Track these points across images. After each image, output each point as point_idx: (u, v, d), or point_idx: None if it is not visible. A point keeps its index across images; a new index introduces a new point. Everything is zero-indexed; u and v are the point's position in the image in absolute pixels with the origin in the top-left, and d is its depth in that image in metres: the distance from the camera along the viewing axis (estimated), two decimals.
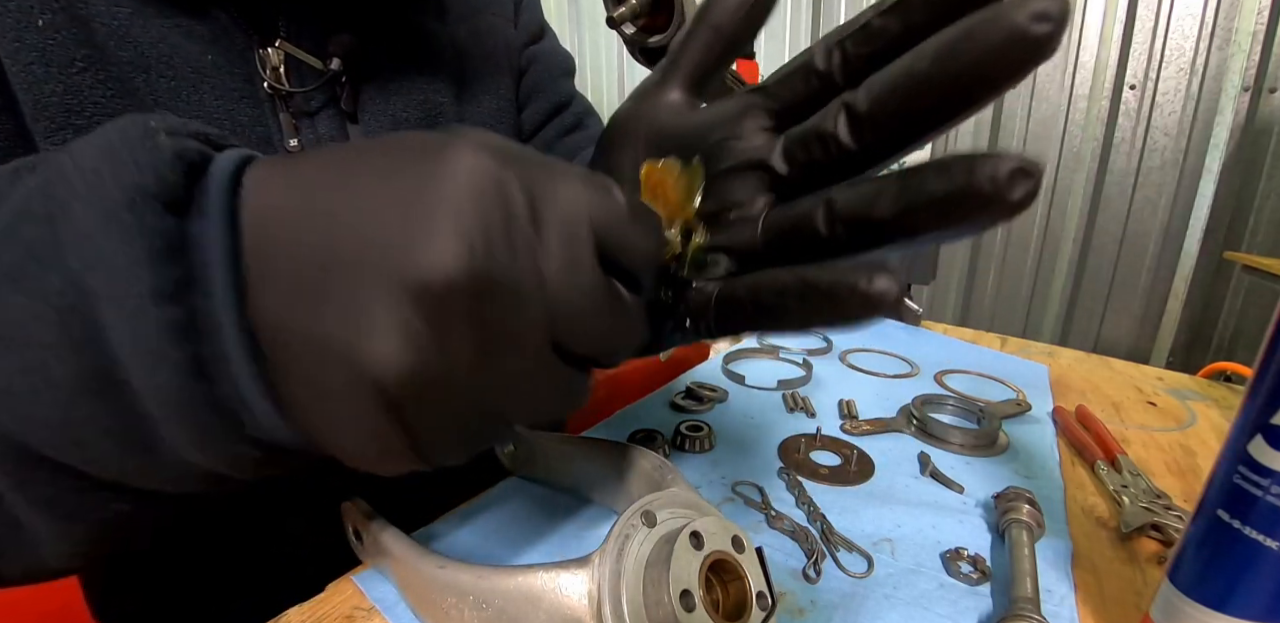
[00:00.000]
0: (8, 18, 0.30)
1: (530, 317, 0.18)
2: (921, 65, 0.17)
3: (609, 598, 0.21)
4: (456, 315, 0.17)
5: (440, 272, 0.16)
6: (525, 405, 0.20)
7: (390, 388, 0.17)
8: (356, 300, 0.17)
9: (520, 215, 0.18)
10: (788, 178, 0.21)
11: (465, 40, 0.48)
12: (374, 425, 0.18)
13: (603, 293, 0.19)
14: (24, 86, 0.31)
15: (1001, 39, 0.15)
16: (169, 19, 0.34)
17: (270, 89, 0.38)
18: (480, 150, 0.18)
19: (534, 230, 0.18)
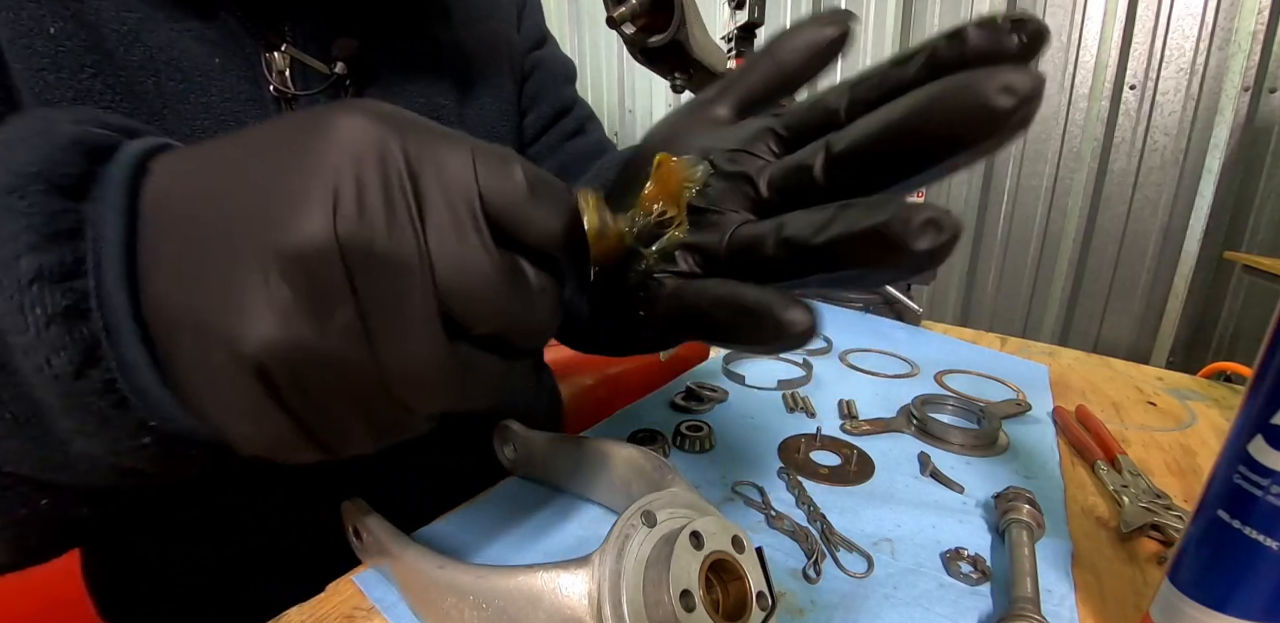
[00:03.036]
0: (19, 25, 0.30)
1: (412, 287, 0.17)
2: (893, 117, 0.18)
3: (609, 598, 0.21)
4: (328, 284, 0.16)
5: (305, 238, 0.16)
6: (425, 390, 0.19)
7: (261, 361, 0.16)
8: (229, 275, 0.16)
9: (398, 180, 0.17)
10: (766, 200, 0.22)
11: (469, 45, 0.49)
12: (255, 404, 0.17)
13: (494, 267, 0.18)
14: (35, 92, 0.31)
15: (964, 104, 0.16)
16: (177, 23, 0.35)
17: (275, 92, 0.38)
18: (364, 117, 0.18)
19: (416, 198, 0.17)
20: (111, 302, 0.17)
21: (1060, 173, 1.69)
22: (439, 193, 0.18)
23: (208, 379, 0.18)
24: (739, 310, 0.19)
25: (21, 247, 0.16)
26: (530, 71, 0.56)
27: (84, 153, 0.18)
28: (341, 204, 0.16)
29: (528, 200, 0.19)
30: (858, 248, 0.17)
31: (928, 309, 1.87)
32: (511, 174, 0.19)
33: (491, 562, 0.32)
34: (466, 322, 0.18)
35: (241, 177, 0.17)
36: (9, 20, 0.30)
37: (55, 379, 0.17)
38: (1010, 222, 1.78)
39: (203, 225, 0.17)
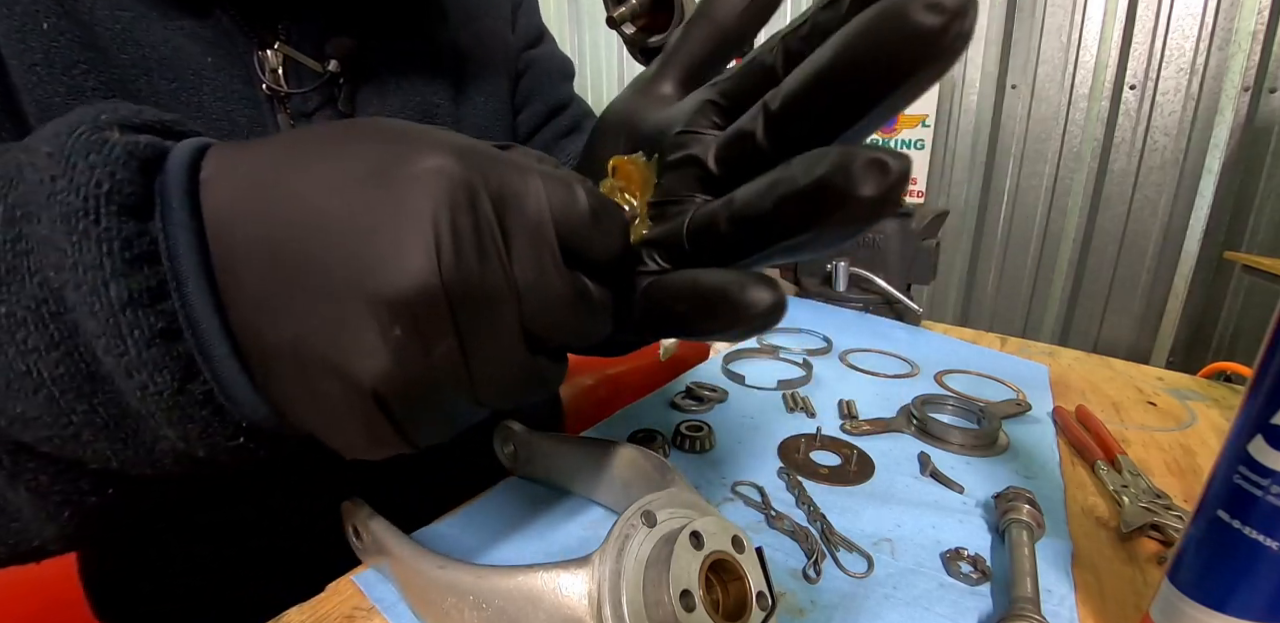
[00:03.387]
0: (13, 21, 0.30)
1: (503, 318, 0.19)
2: (822, 61, 0.17)
3: (609, 598, 0.21)
4: (434, 323, 0.18)
5: (415, 283, 0.17)
6: (503, 393, 0.21)
7: (381, 393, 0.18)
8: (335, 313, 0.17)
9: (487, 221, 0.18)
10: (718, 176, 0.21)
11: (463, 43, 0.48)
12: (366, 423, 0.19)
13: (570, 290, 0.20)
14: (28, 89, 0.31)
15: (892, 31, 0.15)
16: (171, 22, 0.34)
17: (269, 90, 0.38)
18: (446, 153, 0.18)
19: (501, 234, 0.19)
20: (201, 323, 0.18)
21: (1060, 173, 1.69)
22: (520, 227, 0.19)
23: (320, 402, 0.19)
24: (699, 300, 0.20)
25: (108, 274, 0.17)
26: (524, 70, 0.55)
27: (139, 168, 0.18)
28: (442, 247, 0.17)
29: (591, 225, 0.20)
30: (806, 206, 0.16)
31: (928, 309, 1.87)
32: (577, 201, 0.20)
33: (491, 562, 0.32)
34: (542, 337, 0.20)
35: (318, 203, 0.18)
36: (3, 14, 0.30)
37: (159, 396, 0.18)
38: (1010, 222, 1.78)
39: (291, 258, 0.18)
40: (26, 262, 0.17)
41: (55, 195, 0.17)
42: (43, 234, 0.17)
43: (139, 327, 0.17)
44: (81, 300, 0.17)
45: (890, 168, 0.15)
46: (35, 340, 0.17)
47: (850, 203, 0.15)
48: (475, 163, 0.19)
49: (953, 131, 1.79)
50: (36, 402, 0.18)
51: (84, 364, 0.18)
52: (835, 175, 0.15)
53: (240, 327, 0.19)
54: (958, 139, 1.78)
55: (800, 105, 0.18)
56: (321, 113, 0.40)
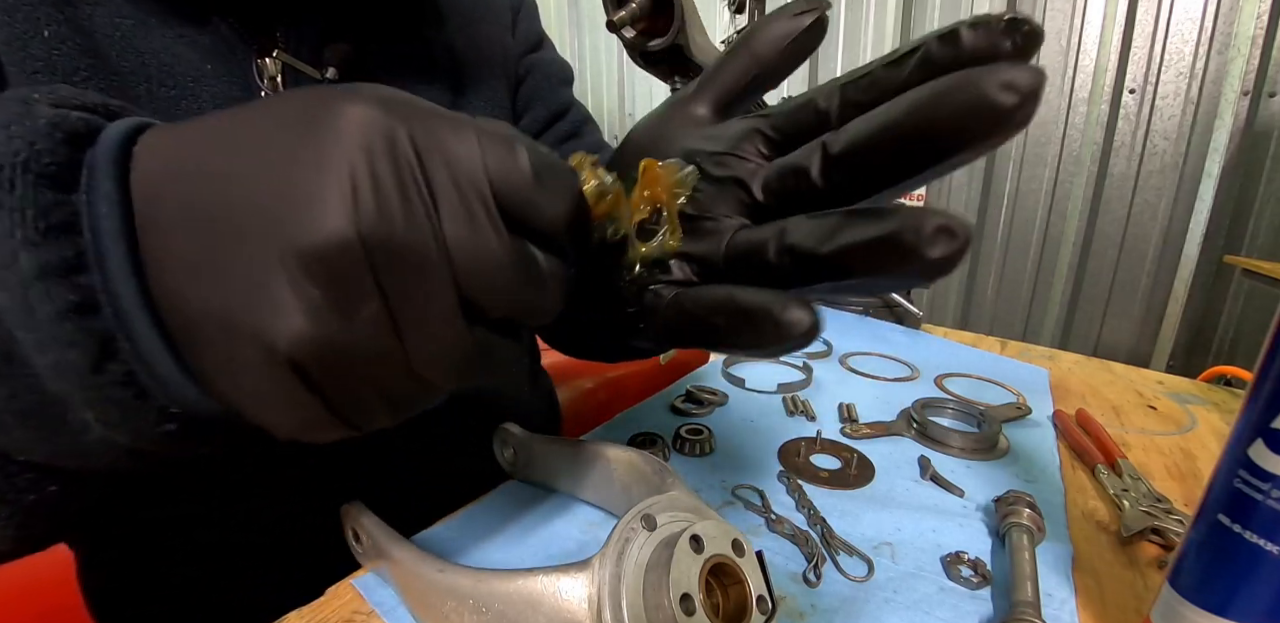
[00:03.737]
0: (15, 28, 0.30)
1: (432, 277, 0.18)
2: (892, 117, 0.17)
3: (609, 602, 0.21)
4: (354, 280, 0.17)
5: (330, 236, 0.16)
6: (448, 372, 0.19)
7: (295, 357, 0.17)
8: (251, 272, 0.16)
9: (411, 171, 0.17)
10: (763, 204, 0.22)
11: (462, 49, 0.49)
12: (288, 395, 0.18)
13: (508, 252, 0.18)
14: None
15: (967, 102, 0.16)
16: (171, 29, 0.35)
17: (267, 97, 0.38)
18: (370, 103, 0.17)
19: (429, 188, 0.17)
20: (121, 296, 0.17)
21: (1060, 177, 1.69)
22: (450, 181, 0.18)
23: (238, 373, 0.18)
24: (738, 315, 0.19)
25: (18, 243, 0.16)
26: (525, 75, 0.56)
27: (65, 139, 0.17)
28: (360, 199, 0.16)
29: (534, 186, 0.19)
30: (869, 256, 0.17)
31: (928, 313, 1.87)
32: (518, 159, 0.19)
33: (491, 565, 0.32)
34: (483, 307, 0.19)
35: (246, 165, 0.17)
36: (3, 22, 0.30)
37: (74, 374, 0.17)
38: (1010, 225, 1.78)
39: (211, 219, 0.17)
40: None
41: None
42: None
43: (50, 300, 0.16)
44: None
45: (958, 235, 0.15)
46: None
47: (916, 262, 0.16)
48: (402, 113, 0.18)
49: None
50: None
51: (2, 344, 0.17)
52: (907, 234, 0.16)
53: (164, 299, 0.18)
54: None
55: (863, 154, 0.18)
56: None
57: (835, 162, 0.19)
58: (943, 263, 0.16)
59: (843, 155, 0.19)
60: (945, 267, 0.16)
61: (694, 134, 0.26)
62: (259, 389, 0.18)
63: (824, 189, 0.20)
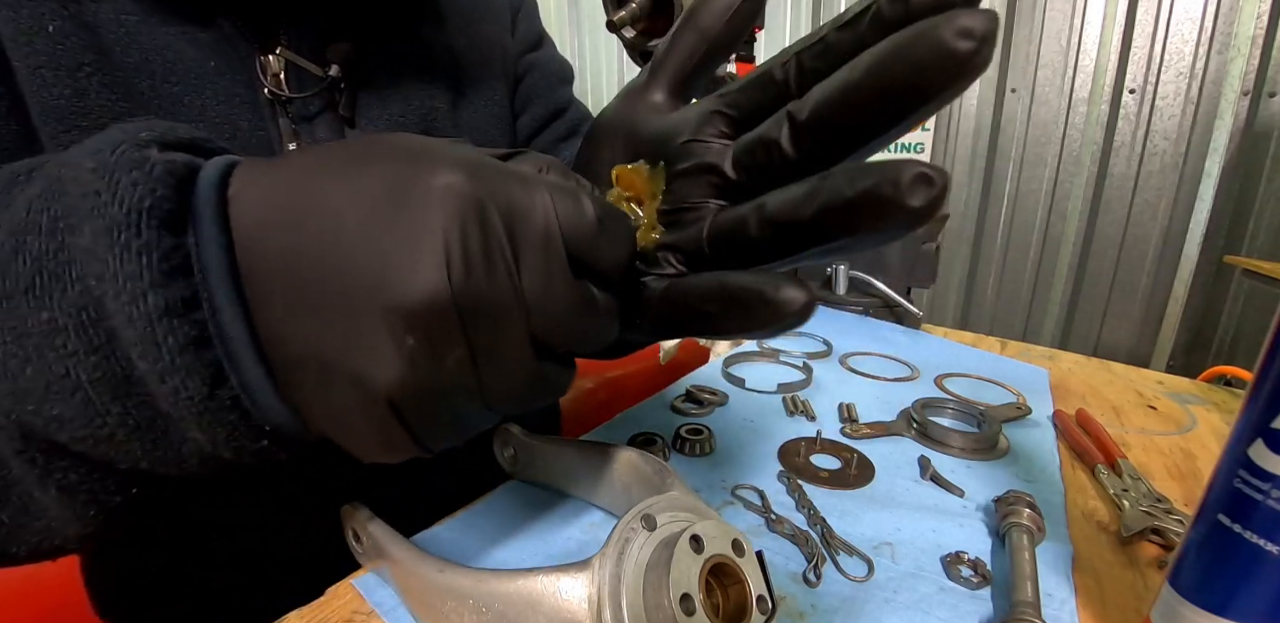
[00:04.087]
0: (20, 23, 0.31)
1: (511, 328, 0.20)
2: (855, 76, 0.18)
3: (609, 602, 0.21)
4: (445, 333, 0.18)
5: (427, 296, 0.18)
6: (513, 399, 0.22)
7: (395, 399, 0.19)
8: (353, 324, 0.18)
9: (496, 236, 0.19)
10: (737, 182, 0.22)
11: (463, 48, 0.49)
12: (381, 429, 0.20)
13: (577, 298, 0.21)
14: (32, 89, 0.31)
15: (927, 53, 0.16)
16: (174, 26, 0.35)
17: (270, 94, 0.38)
18: (458, 170, 0.19)
19: (510, 247, 0.19)
20: (229, 332, 0.19)
21: (1060, 177, 1.69)
22: (528, 238, 0.20)
23: (336, 408, 0.20)
24: (730, 300, 0.20)
25: (146, 284, 0.18)
26: (524, 73, 0.56)
27: (175, 185, 0.19)
28: (452, 261, 0.18)
29: (598, 234, 0.21)
30: (851, 214, 0.17)
31: (927, 313, 1.87)
32: (584, 213, 0.20)
33: (491, 565, 0.32)
34: (550, 344, 0.21)
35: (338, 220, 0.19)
36: (9, 18, 0.31)
37: (190, 400, 0.19)
38: (1010, 226, 1.78)
39: (313, 272, 0.19)
40: (69, 270, 0.18)
41: (99, 209, 0.18)
42: (85, 245, 0.18)
43: (173, 334, 0.18)
44: (120, 309, 0.18)
45: (935, 181, 0.16)
46: (75, 345, 0.18)
47: (899, 212, 0.16)
48: (485, 179, 0.19)
49: (953, 135, 1.79)
50: (73, 403, 0.19)
51: (119, 368, 0.18)
52: (883, 187, 0.16)
53: (265, 335, 0.20)
54: (958, 143, 1.79)
55: (830, 117, 0.19)
56: (322, 117, 0.41)
57: (803, 128, 0.19)
58: (925, 210, 0.16)
59: (810, 121, 0.19)
60: (927, 214, 0.16)
61: (654, 123, 0.26)
62: (356, 424, 0.20)
63: (795, 158, 0.20)
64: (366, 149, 0.21)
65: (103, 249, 0.18)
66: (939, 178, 0.16)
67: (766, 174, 0.21)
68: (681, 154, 0.23)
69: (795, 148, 0.20)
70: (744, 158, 0.21)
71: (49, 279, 0.18)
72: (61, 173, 0.19)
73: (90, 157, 0.19)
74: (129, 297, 0.18)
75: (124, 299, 0.18)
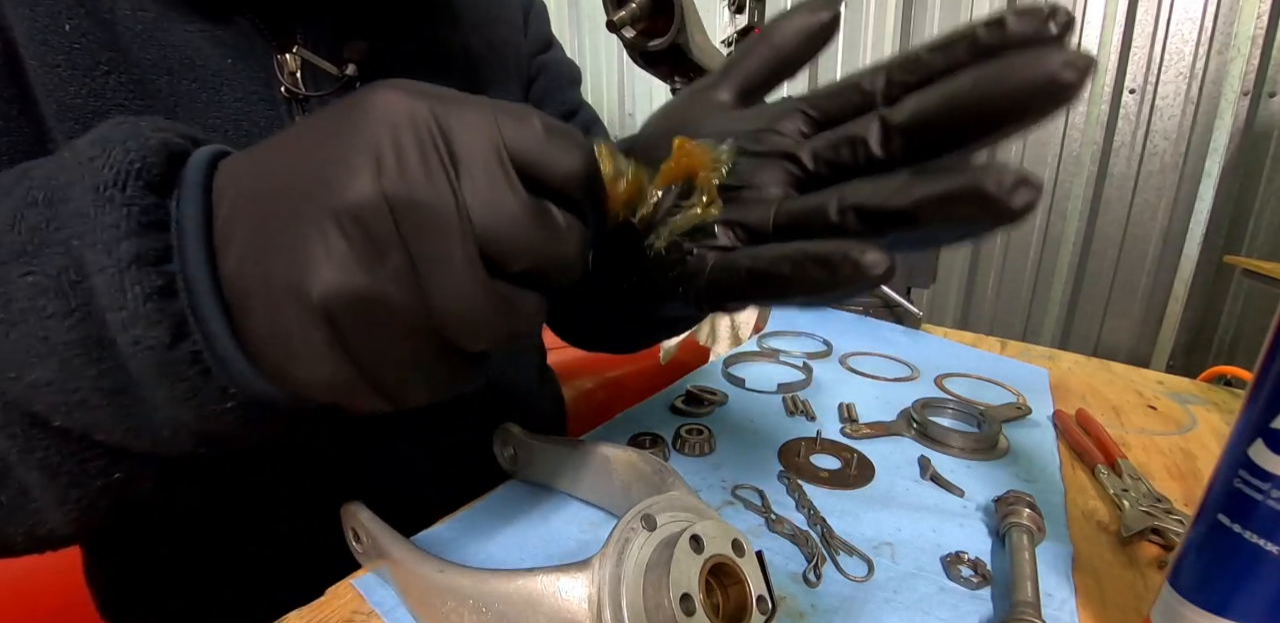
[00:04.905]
0: (36, 22, 0.31)
1: (451, 232, 0.19)
2: (961, 88, 0.19)
3: (609, 602, 0.21)
4: (378, 235, 0.18)
5: (356, 195, 0.18)
6: (472, 326, 0.20)
7: (326, 306, 0.19)
8: (292, 237, 0.19)
9: (431, 140, 0.19)
10: (812, 174, 0.22)
11: (477, 48, 0.49)
12: (319, 347, 0.19)
13: (524, 209, 0.20)
14: (49, 88, 0.31)
15: (1036, 77, 0.17)
16: (192, 24, 0.35)
17: (287, 93, 0.38)
18: (395, 90, 0.20)
19: (449, 156, 0.19)
20: (195, 282, 0.20)
21: (1060, 177, 1.69)
22: (467, 146, 0.20)
23: (278, 331, 0.20)
24: (812, 259, 0.20)
25: (122, 233, 0.19)
26: (535, 75, 0.56)
27: (168, 157, 0.20)
28: (384, 165, 0.18)
29: (546, 144, 0.21)
30: (948, 208, 0.18)
31: (928, 313, 1.87)
32: (530, 123, 0.21)
33: (491, 565, 0.32)
34: (503, 260, 0.20)
35: (294, 154, 0.20)
36: (26, 16, 0.31)
37: (150, 350, 0.19)
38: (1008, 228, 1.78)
39: (265, 200, 0.20)
40: (56, 236, 0.19)
41: (90, 173, 0.19)
42: (73, 208, 0.19)
43: (140, 283, 0.19)
44: (95, 259, 0.19)
45: (1035, 185, 0.17)
46: (55, 307, 0.19)
47: (999, 210, 0.17)
48: (427, 97, 0.20)
49: None
50: (50, 367, 0.19)
51: (94, 330, 0.19)
52: (989, 184, 0.17)
53: (228, 282, 0.20)
54: None
55: (925, 124, 0.20)
56: None
57: (896, 131, 0.20)
58: (1023, 211, 0.17)
59: (905, 125, 0.20)
60: (1023, 214, 0.17)
61: (722, 117, 0.26)
62: (294, 343, 0.20)
63: (881, 159, 0.20)
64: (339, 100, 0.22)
65: (87, 204, 0.19)
66: (1037, 182, 0.17)
67: (846, 170, 0.21)
68: (755, 139, 0.24)
69: (883, 148, 0.20)
70: (825, 151, 0.22)
71: (39, 245, 0.19)
72: (64, 154, 0.20)
73: (91, 136, 0.20)
74: (104, 245, 0.19)
75: (99, 249, 0.19)
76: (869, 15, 1.80)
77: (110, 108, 0.33)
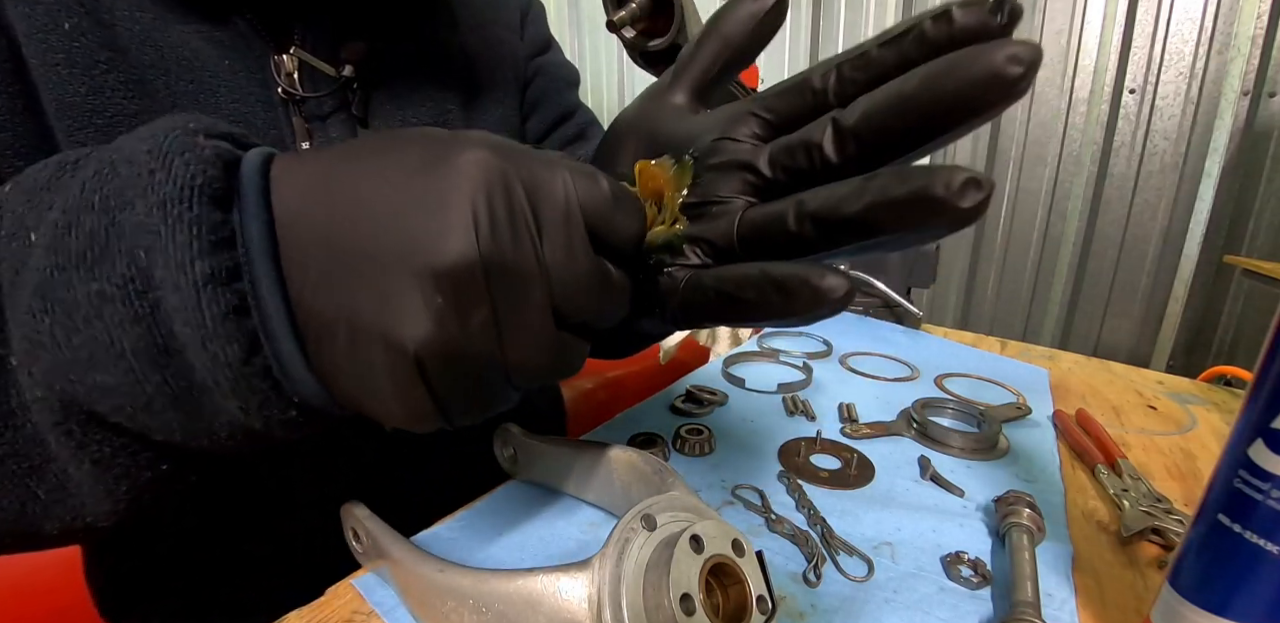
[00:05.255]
0: (35, 21, 0.31)
1: (533, 292, 0.21)
2: (908, 88, 0.19)
3: (609, 602, 0.21)
4: (473, 294, 0.20)
5: (455, 256, 0.19)
6: (530, 368, 0.22)
7: (422, 356, 0.20)
8: (385, 287, 0.19)
9: (520, 206, 0.20)
10: (770, 181, 0.22)
11: (475, 50, 0.49)
12: (406, 388, 0.21)
13: (595, 270, 0.22)
14: (49, 87, 0.32)
15: (980, 73, 0.17)
16: (190, 25, 0.35)
17: (284, 94, 0.38)
18: (483, 147, 0.20)
19: (533, 218, 0.21)
20: (266, 302, 0.20)
21: (1060, 177, 1.69)
22: (550, 211, 0.21)
23: (362, 368, 0.21)
24: (771, 286, 0.20)
25: (195, 253, 0.19)
26: (533, 77, 0.56)
27: (225, 168, 0.20)
28: (480, 226, 0.19)
29: (613, 211, 0.22)
30: (900, 212, 0.18)
31: (927, 313, 1.87)
32: (601, 189, 0.22)
33: (491, 565, 0.32)
34: (568, 314, 0.22)
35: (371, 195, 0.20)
36: (25, 14, 0.31)
37: (227, 366, 0.20)
38: (1010, 225, 1.78)
39: (347, 242, 0.20)
40: (119, 245, 0.19)
41: (153, 187, 0.19)
42: (137, 220, 0.19)
43: (216, 302, 0.19)
44: (168, 276, 0.19)
45: (984, 186, 0.17)
46: (121, 315, 0.19)
47: (949, 212, 0.17)
48: (509, 156, 0.21)
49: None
50: (116, 372, 0.20)
51: (160, 337, 0.20)
52: (936, 187, 0.17)
53: (299, 306, 0.21)
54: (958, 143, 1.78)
55: (877, 126, 0.20)
56: (336, 116, 0.41)
57: (849, 134, 0.20)
58: (973, 212, 0.17)
59: (856, 128, 0.20)
60: (973, 215, 0.17)
61: (678, 123, 0.26)
62: (380, 384, 0.21)
63: (836, 163, 0.21)
64: (396, 135, 0.22)
65: (155, 221, 0.19)
66: (986, 183, 0.17)
67: (804, 176, 0.22)
68: (712, 151, 0.24)
69: (838, 152, 0.21)
70: (782, 158, 0.22)
71: (100, 253, 0.19)
72: (114, 157, 0.20)
73: (145, 141, 0.20)
74: (177, 264, 0.19)
75: (172, 267, 0.19)
76: (869, 15, 1.80)
77: (108, 106, 0.33)
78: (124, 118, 0.33)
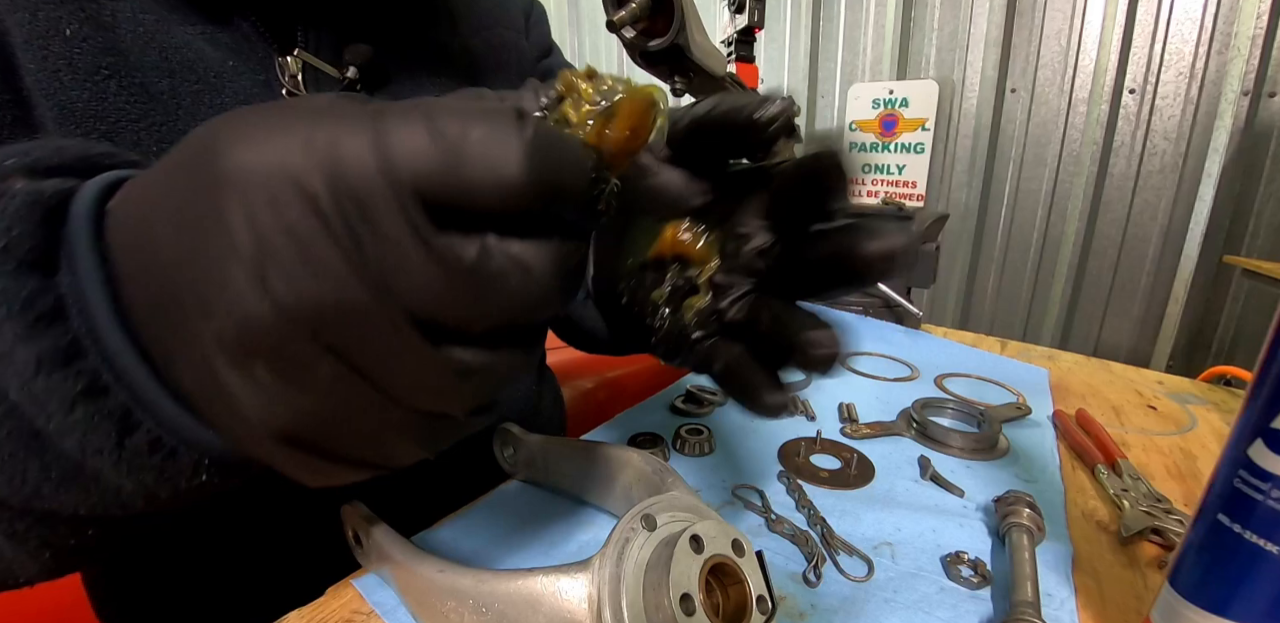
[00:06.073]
0: (36, 27, 0.31)
1: (375, 319, 0.15)
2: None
3: (609, 602, 0.21)
4: (293, 352, 0.15)
5: (246, 321, 0.15)
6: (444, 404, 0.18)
7: (283, 434, 0.16)
8: (205, 364, 0.16)
9: (317, 210, 0.14)
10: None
11: (479, 51, 0.49)
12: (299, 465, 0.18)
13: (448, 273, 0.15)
14: (49, 93, 0.31)
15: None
16: (193, 27, 0.35)
17: (288, 95, 0.38)
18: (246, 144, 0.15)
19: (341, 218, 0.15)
20: (129, 373, 0.17)
21: (1060, 177, 1.69)
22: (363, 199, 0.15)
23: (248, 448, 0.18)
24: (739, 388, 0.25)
25: (9, 338, 0.16)
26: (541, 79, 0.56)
27: (42, 219, 0.17)
28: (267, 267, 0.14)
29: (455, 161, 0.15)
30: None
31: (927, 313, 1.87)
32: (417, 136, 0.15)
33: (491, 566, 0.32)
34: (454, 327, 0.17)
35: (171, 249, 0.16)
36: (25, 21, 0.30)
37: (98, 453, 0.17)
38: (1010, 225, 1.78)
39: (163, 307, 0.16)
40: None
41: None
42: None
43: (56, 391, 0.16)
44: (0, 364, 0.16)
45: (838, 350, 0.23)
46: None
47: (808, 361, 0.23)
48: (283, 139, 0.15)
49: (952, 135, 1.79)
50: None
51: (25, 423, 0.17)
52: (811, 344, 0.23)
53: (169, 378, 0.18)
54: (957, 143, 1.79)
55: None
56: None
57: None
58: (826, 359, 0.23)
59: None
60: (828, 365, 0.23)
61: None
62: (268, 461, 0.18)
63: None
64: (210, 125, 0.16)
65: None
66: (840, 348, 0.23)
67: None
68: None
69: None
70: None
71: None
72: None
73: None
74: (2, 353, 0.16)
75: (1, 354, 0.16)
76: (869, 15, 1.79)
77: (110, 111, 0.33)
78: (127, 123, 0.33)
